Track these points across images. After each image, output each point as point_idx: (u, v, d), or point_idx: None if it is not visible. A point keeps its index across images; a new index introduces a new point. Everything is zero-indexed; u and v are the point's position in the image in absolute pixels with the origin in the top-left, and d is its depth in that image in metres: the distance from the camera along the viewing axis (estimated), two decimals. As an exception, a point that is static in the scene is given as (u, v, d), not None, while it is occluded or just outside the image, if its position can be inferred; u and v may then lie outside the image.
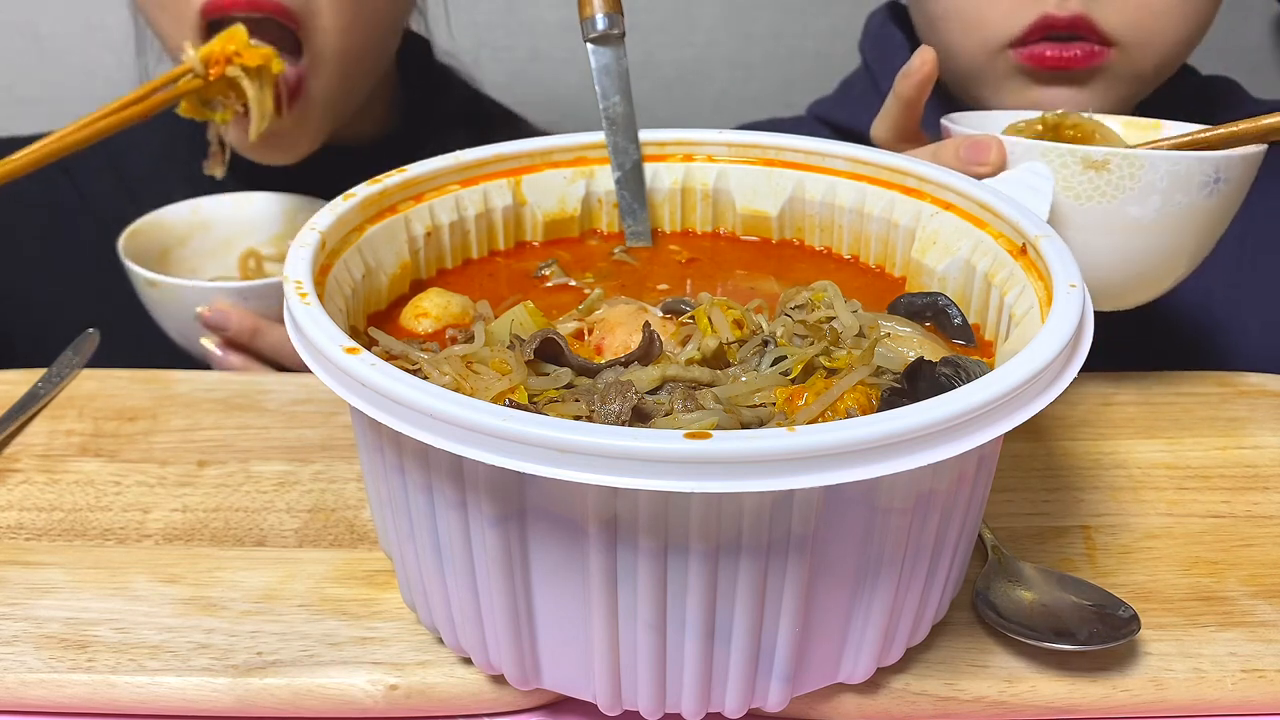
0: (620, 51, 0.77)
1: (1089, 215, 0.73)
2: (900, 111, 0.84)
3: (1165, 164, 0.71)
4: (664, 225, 0.78)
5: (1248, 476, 0.76)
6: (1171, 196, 0.72)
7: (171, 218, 1.09)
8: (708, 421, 0.50)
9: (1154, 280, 0.78)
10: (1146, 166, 0.71)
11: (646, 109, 0.78)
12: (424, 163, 0.70)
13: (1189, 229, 0.74)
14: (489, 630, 0.55)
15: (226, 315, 0.96)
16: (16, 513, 0.72)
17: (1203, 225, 0.75)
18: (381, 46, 1.11)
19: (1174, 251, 0.76)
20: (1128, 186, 0.72)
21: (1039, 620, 0.60)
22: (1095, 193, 0.72)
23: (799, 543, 0.49)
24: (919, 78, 0.81)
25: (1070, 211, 0.73)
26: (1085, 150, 0.72)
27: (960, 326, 0.62)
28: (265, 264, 1.12)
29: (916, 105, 0.83)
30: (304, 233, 0.61)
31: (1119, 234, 0.73)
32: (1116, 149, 0.72)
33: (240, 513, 0.72)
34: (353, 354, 0.50)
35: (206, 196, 1.11)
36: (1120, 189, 0.72)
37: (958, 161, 0.76)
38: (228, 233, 1.11)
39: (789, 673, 0.53)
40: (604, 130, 0.75)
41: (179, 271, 1.08)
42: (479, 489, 0.49)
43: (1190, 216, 0.74)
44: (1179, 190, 0.72)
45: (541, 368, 0.55)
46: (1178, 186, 0.72)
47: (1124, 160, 0.71)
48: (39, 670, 0.59)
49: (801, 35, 1.86)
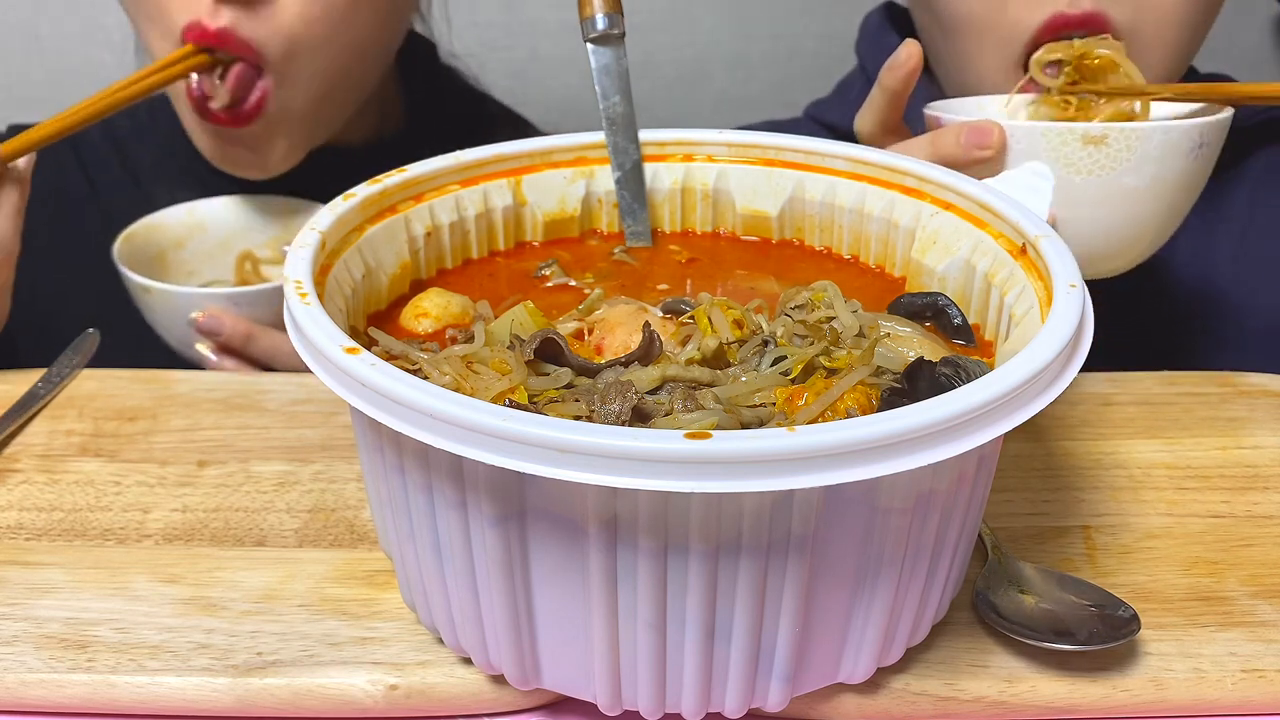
0: (620, 51, 0.77)
1: (1088, 188, 0.77)
2: (885, 103, 0.84)
3: (1159, 134, 0.76)
4: (664, 225, 0.78)
5: (1248, 476, 0.76)
6: (1164, 163, 0.77)
7: (168, 220, 1.08)
8: (708, 421, 0.50)
9: (1146, 241, 0.83)
10: (1142, 138, 0.76)
11: (646, 109, 0.78)
12: (424, 163, 0.70)
13: (1178, 192, 0.80)
14: (489, 630, 0.55)
15: (220, 321, 0.96)
16: (16, 513, 0.72)
17: (1188, 186, 0.81)
18: (367, 66, 1.10)
19: (1164, 214, 0.81)
20: (1124, 158, 0.76)
21: (1039, 620, 0.60)
22: (1095, 166, 0.76)
23: (799, 543, 0.49)
24: (905, 70, 0.82)
25: (1070, 186, 0.77)
26: (1084, 127, 0.76)
27: (960, 326, 0.62)
28: (262, 267, 1.11)
29: (901, 98, 0.84)
30: (304, 233, 0.61)
31: (1116, 201, 0.78)
32: (1113, 124, 0.76)
33: (240, 513, 0.72)
34: (353, 354, 0.50)
35: (202, 200, 1.10)
36: (1118, 161, 0.76)
37: (959, 148, 0.77)
38: (224, 235, 1.11)
39: (789, 673, 0.53)
40: (604, 130, 0.75)
41: (176, 275, 1.08)
42: (479, 489, 0.49)
43: (1178, 180, 0.79)
44: (1170, 157, 0.77)
45: (541, 368, 0.55)
46: (1169, 153, 0.77)
47: (1121, 134, 0.76)
48: (39, 670, 0.59)
49: (801, 35, 1.86)
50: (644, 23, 1.77)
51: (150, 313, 1.00)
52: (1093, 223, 0.79)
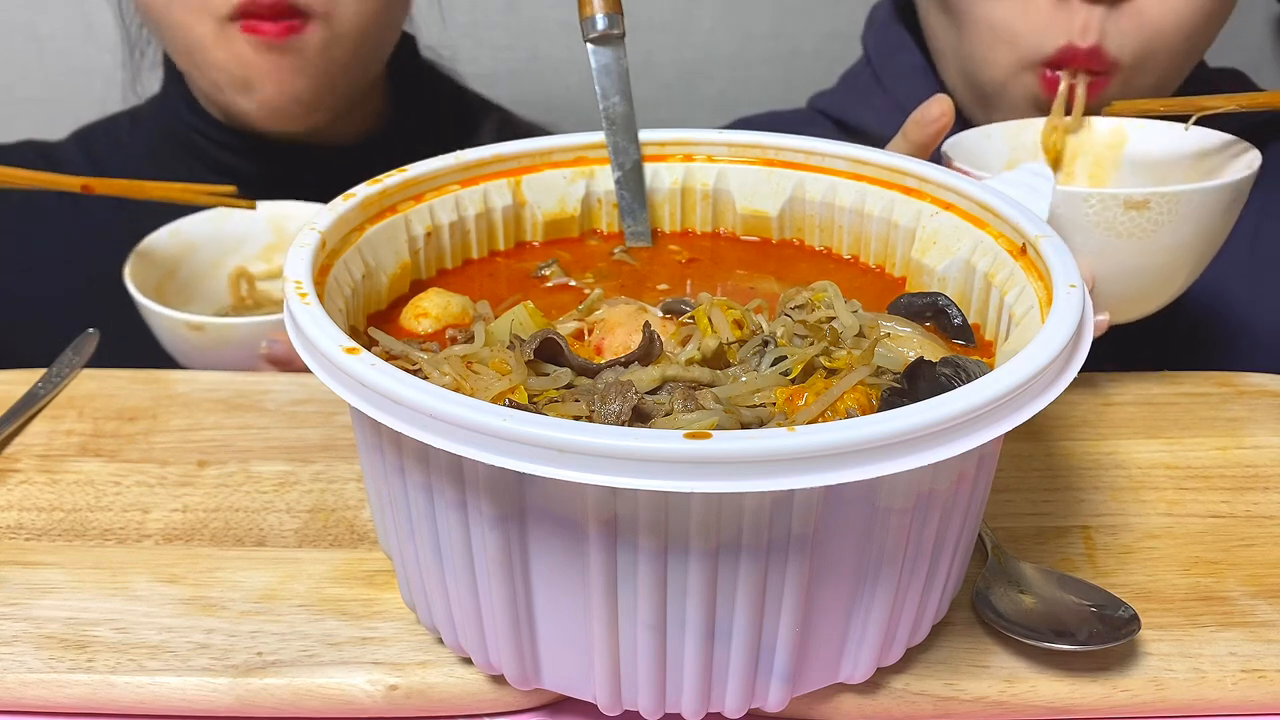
0: (620, 51, 0.77)
1: (1129, 248, 0.78)
2: (907, 153, 0.83)
3: (1198, 196, 0.76)
4: (664, 225, 0.78)
5: (1248, 476, 0.76)
6: (1200, 222, 0.78)
7: (158, 248, 1.04)
8: (708, 421, 0.50)
9: (1177, 287, 0.84)
10: (1183, 200, 0.76)
11: (646, 109, 0.78)
12: (424, 163, 0.70)
13: (1212, 242, 0.81)
14: (489, 630, 0.55)
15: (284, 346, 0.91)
16: (16, 513, 0.72)
17: (1221, 234, 0.82)
18: (394, 28, 1.14)
19: (1196, 262, 0.82)
20: (1165, 220, 0.77)
21: (1039, 620, 0.60)
22: (1136, 229, 0.77)
23: (799, 543, 0.49)
24: (934, 128, 0.80)
25: (1110, 249, 0.78)
26: (1127, 193, 0.76)
27: (960, 326, 0.62)
28: (259, 284, 1.09)
29: (926, 151, 0.82)
30: (304, 233, 0.61)
31: (1153, 257, 0.79)
32: (1155, 190, 0.76)
33: (240, 513, 0.72)
34: (353, 354, 0.50)
35: (185, 219, 1.06)
36: (1159, 224, 0.77)
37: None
38: (214, 254, 1.07)
39: (789, 673, 0.53)
40: (604, 130, 0.75)
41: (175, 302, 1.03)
42: (479, 489, 0.49)
43: (1213, 232, 0.80)
44: (1206, 216, 0.78)
45: (541, 368, 0.55)
46: (1205, 213, 0.78)
47: (1162, 199, 0.76)
48: (39, 670, 0.59)
49: (801, 35, 1.86)
50: (644, 23, 1.77)
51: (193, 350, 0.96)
52: (1128, 278, 0.80)
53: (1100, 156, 0.93)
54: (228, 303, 1.08)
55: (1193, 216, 0.77)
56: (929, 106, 0.80)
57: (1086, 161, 0.93)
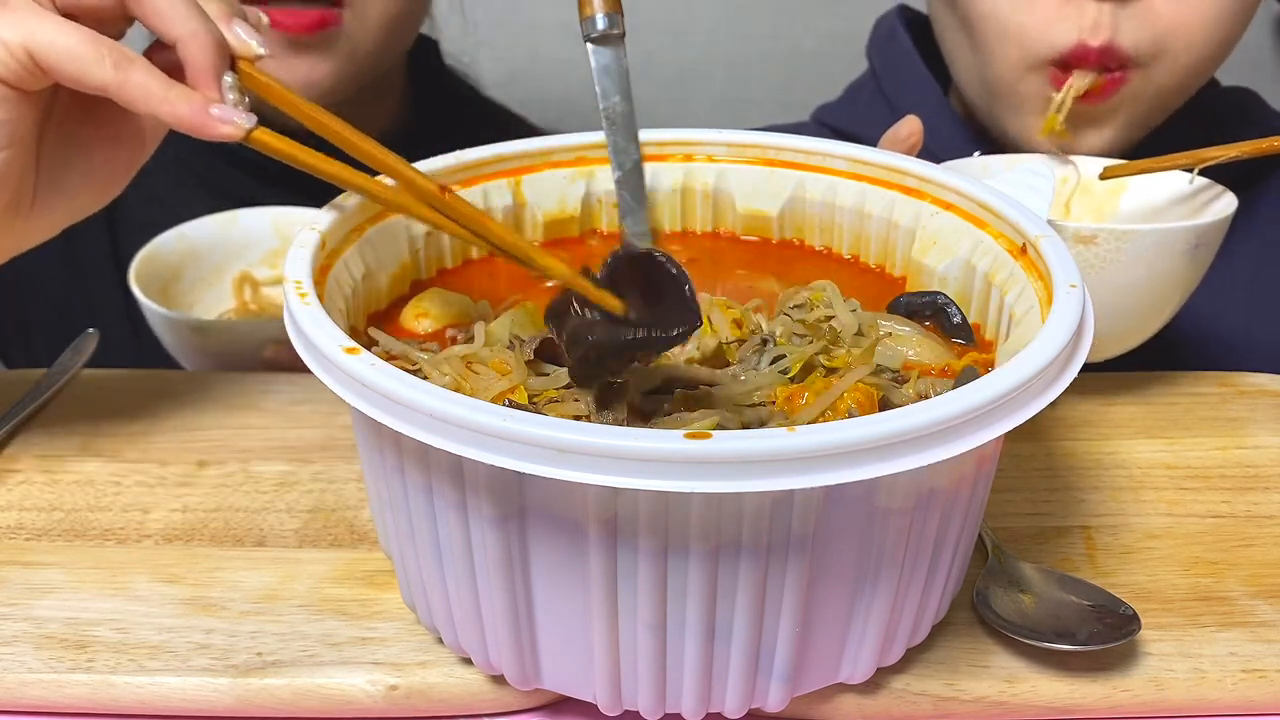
0: (620, 51, 0.77)
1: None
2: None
3: (1150, 237, 0.75)
4: (664, 225, 0.78)
5: (1248, 476, 0.76)
6: (1154, 265, 0.76)
7: (163, 252, 1.03)
8: (708, 421, 0.50)
9: (1134, 333, 0.82)
10: (1132, 240, 0.74)
11: (646, 109, 0.77)
12: (424, 163, 0.70)
13: (1170, 289, 0.79)
14: (489, 630, 0.55)
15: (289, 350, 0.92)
16: (16, 513, 0.72)
17: (1182, 283, 0.79)
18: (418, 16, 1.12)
19: (1153, 308, 0.80)
20: (1113, 259, 0.75)
21: (1039, 620, 0.60)
22: (1084, 265, 0.75)
23: (799, 543, 0.49)
24: (903, 148, 0.80)
25: None
26: (1075, 226, 0.75)
27: (959, 325, 0.62)
28: (263, 289, 1.09)
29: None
30: (304, 233, 0.61)
31: (1103, 296, 0.76)
32: (1104, 226, 0.75)
33: (240, 513, 0.72)
34: (353, 354, 0.50)
35: (189, 223, 1.05)
36: (1106, 260, 0.75)
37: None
38: (220, 258, 1.06)
39: (789, 673, 0.53)
40: (604, 130, 0.75)
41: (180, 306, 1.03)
42: (479, 489, 0.49)
43: (1170, 279, 0.78)
44: (1161, 258, 0.76)
45: (541, 368, 0.55)
46: (1160, 255, 0.75)
47: (1110, 236, 0.74)
48: (39, 670, 0.59)
49: (801, 36, 1.86)
50: (644, 23, 1.76)
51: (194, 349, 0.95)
52: None
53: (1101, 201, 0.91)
54: (231, 307, 1.08)
55: (1143, 258, 0.75)
56: (899, 127, 0.81)
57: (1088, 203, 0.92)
